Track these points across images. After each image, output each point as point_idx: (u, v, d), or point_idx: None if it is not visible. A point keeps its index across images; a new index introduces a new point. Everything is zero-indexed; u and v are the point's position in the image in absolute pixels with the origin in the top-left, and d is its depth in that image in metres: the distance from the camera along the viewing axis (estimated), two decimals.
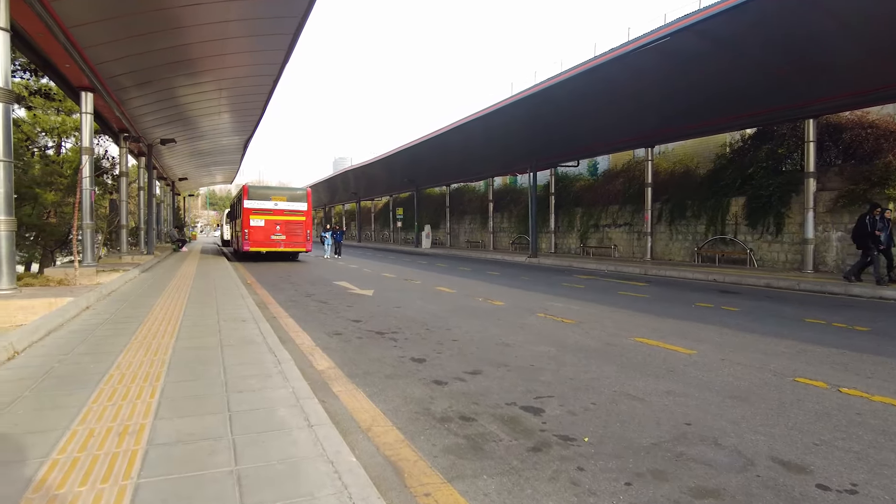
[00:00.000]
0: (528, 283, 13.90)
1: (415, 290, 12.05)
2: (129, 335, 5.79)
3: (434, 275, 16.32)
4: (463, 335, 6.93)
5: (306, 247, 22.19)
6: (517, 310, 9.22)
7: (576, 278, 15.64)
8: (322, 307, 9.38)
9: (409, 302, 10.10)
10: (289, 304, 9.78)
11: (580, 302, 10.29)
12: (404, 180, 38.31)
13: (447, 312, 8.86)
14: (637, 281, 15.02)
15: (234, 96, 18.67)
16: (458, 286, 13.00)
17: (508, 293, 11.65)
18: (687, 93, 16.95)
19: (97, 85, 13.34)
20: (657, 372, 5.28)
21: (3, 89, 8.01)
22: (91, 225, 13.28)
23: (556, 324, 7.86)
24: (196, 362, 4.69)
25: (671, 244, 21.83)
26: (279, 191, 22.43)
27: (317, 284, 13.18)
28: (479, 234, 35.88)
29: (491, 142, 26.91)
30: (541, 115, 22.01)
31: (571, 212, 27.31)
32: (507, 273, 17.39)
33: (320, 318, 8.21)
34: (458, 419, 3.88)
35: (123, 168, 18.74)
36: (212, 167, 37.05)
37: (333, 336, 6.84)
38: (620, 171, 25.18)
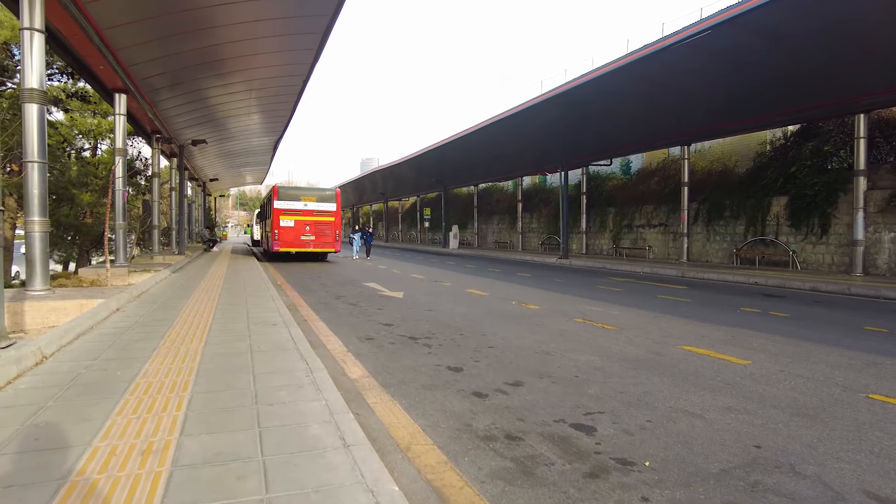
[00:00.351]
0: (562, 286, 13.50)
1: (445, 293, 11.77)
2: (158, 339, 5.64)
3: (464, 276, 16.03)
4: (500, 342, 6.61)
5: (335, 247, 22.12)
6: (554, 314, 8.86)
7: (611, 281, 15.16)
8: (352, 310, 9.17)
9: (441, 305, 9.83)
10: (319, 306, 9.61)
11: (619, 306, 9.86)
12: (432, 180, 38.08)
13: (481, 316, 8.55)
14: (675, 284, 14.47)
15: (264, 97, 18.69)
16: (490, 288, 12.68)
17: (543, 296, 11.28)
18: (727, 89, 16.28)
19: (130, 86, 13.43)
20: (712, 385, 4.89)
21: (38, 91, 8.01)
22: (123, 225, 13.37)
23: (597, 330, 7.48)
24: (225, 370, 4.49)
25: (708, 245, 21.10)
26: (309, 191, 22.39)
27: (346, 286, 13.01)
28: (508, 235, 35.44)
29: (520, 141, 26.45)
30: (572, 113, 21.51)
31: (604, 212, 26.70)
32: (539, 275, 16.98)
33: (351, 322, 7.99)
34: (503, 438, 3.58)
35: (155, 169, 18.94)
36: (242, 168, 37.44)
37: (365, 341, 6.60)
38: (655, 170, 24.51)
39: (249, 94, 18.18)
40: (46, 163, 8.10)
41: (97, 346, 5.31)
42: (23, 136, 7.96)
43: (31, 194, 7.91)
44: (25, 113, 7.96)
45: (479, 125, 27.17)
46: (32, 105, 7.97)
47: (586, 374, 5.17)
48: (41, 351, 4.70)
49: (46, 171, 8.10)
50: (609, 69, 17.49)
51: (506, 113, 24.56)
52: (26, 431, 3.09)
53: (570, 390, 4.66)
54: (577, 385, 4.82)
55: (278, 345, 5.48)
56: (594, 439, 3.59)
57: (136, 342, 5.51)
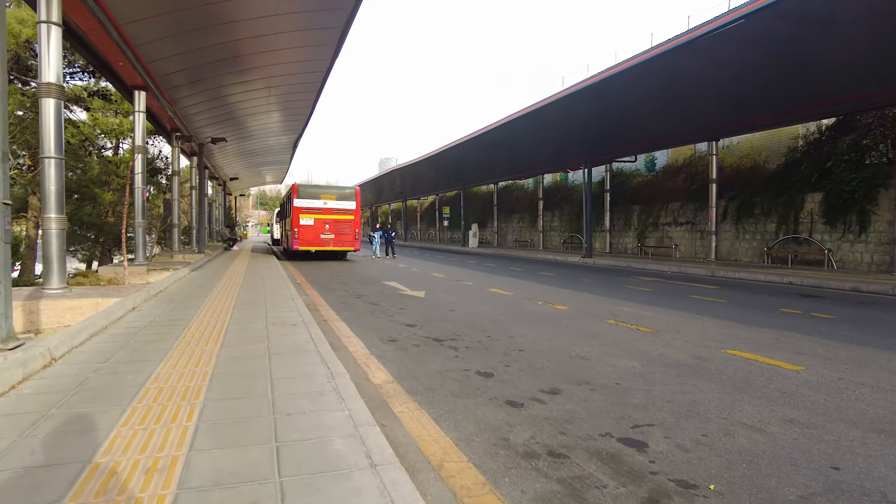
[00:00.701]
0: (589, 286, 13.05)
1: (468, 292, 11.42)
2: (173, 340, 5.39)
3: (485, 275, 15.66)
4: (530, 345, 6.24)
5: (355, 246, 21.89)
6: (583, 315, 8.45)
7: (639, 280, 14.66)
8: (373, 309, 8.87)
9: (464, 305, 9.48)
10: (339, 305, 9.33)
11: (651, 307, 9.41)
12: (451, 179, 37.72)
13: (507, 317, 8.18)
14: (705, 283, 13.92)
15: (284, 94, 18.52)
16: (513, 287, 12.30)
17: (569, 296, 10.87)
18: (760, 81, 15.63)
19: (150, 84, 13.32)
20: (767, 394, 4.46)
21: (55, 85, 7.85)
22: (143, 224, 13.28)
23: (632, 332, 7.07)
24: (241, 375, 4.20)
25: (737, 244, 20.41)
26: (328, 189, 22.17)
27: (366, 285, 12.74)
28: (528, 233, 34.93)
29: (542, 138, 25.97)
30: (595, 109, 20.99)
31: (628, 210, 26.09)
32: (563, 274, 16.53)
33: (373, 322, 7.68)
34: (546, 455, 3.22)
35: (176, 167, 18.89)
36: (262, 167, 37.50)
37: (388, 343, 6.28)
38: (682, 167, 23.84)
39: (269, 92, 18.03)
40: (63, 159, 7.94)
41: (109, 347, 5.07)
42: (40, 131, 7.81)
43: (48, 191, 7.75)
44: (42, 108, 7.80)
45: (500, 122, 26.76)
46: (49, 100, 7.81)
47: (628, 381, 4.78)
48: (50, 353, 4.47)
49: (63, 168, 7.94)
50: (634, 63, 16.96)
51: (527, 109, 24.12)
52: (22, 444, 2.81)
53: (613, 399, 4.28)
54: (619, 393, 4.43)
55: (298, 347, 5.18)
56: (647, 456, 3.22)
57: (149, 343, 5.26)
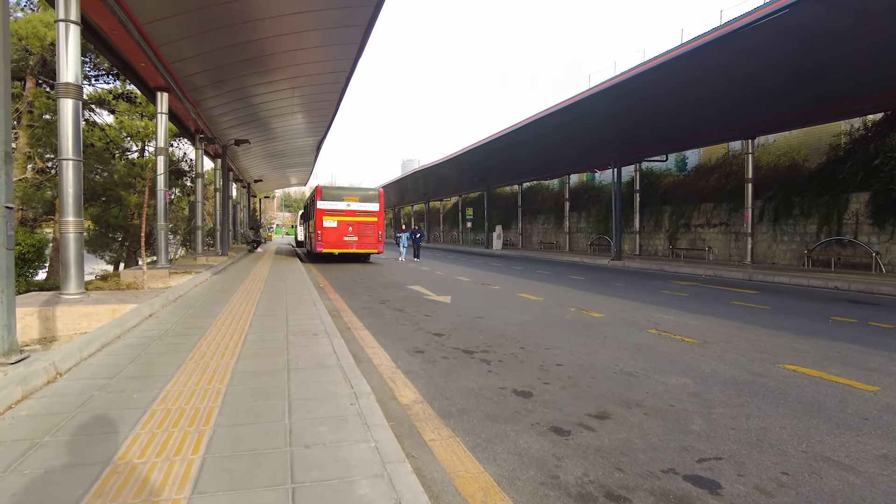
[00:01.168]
0: (622, 291, 12.48)
1: (496, 297, 10.97)
2: (187, 352, 5.06)
3: (512, 279, 15.18)
4: (569, 358, 5.77)
5: (378, 248, 21.59)
6: (622, 324, 7.94)
7: (674, 284, 14.01)
8: (398, 316, 8.48)
9: (493, 311, 9.03)
10: (363, 311, 8.96)
11: (692, 315, 8.83)
12: (475, 179, 37.25)
13: (540, 326, 7.71)
14: (744, 288, 13.23)
15: (307, 95, 18.33)
16: (543, 293, 11.80)
17: (604, 302, 10.33)
18: (801, 76, 14.85)
19: (172, 85, 13.19)
20: (845, 420, 3.93)
21: (73, 85, 7.66)
22: (165, 226, 13.15)
23: (677, 344, 6.54)
24: (256, 395, 3.83)
25: (775, 246, 19.55)
26: (352, 191, 21.88)
27: (390, 289, 12.37)
28: (554, 235, 34.28)
29: (568, 137, 25.36)
30: (624, 108, 20.33)
31: (658, 210, 25.31)
32: (593, 278, 15.96)
33: (398, 330, 7.29)
34: (603, 498, 2.76)
35: (199, 169, 18.83)
36: (286, 169, 37.58)
37: (415, 354, 5.87)
38: (715, 166, 23.01)
39: (293, 92, 17.84)
40: (81, 161, 7.74)
41: (119, 359, 4.77)
42: (58, 132, 7.62)
43: (66, 193, 7.55)
44: (61, 108, 7.62)
45: (526, 121, 26.19)
46: (68, 100, 7.62)
47: (683, 403, 4.28)
48: (55, 367, 4.16)
49: (81, 170, 7.74)
50: (666, 59, 16.28)
51: (554, 108, 23.54)
52: (6, 482, 2.47)
53: (670, 425, 3.79)
54: (676, 418, 3.94)
55: (319, 360, 4.81)
56: (722, 501, 2.74)
57: (162, 355, 4.94)
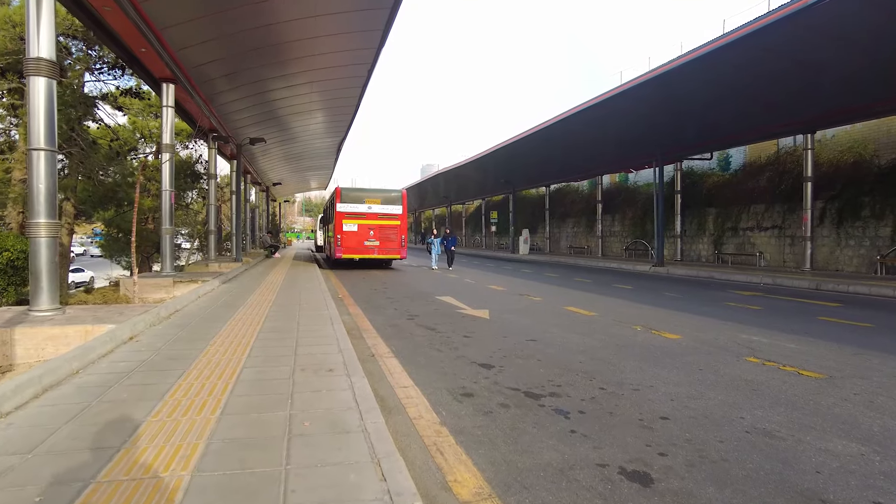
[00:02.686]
0: (681, 303, 10.91)
1: (540, 312, 9.48)
2: (154, 401, 3.70)
3: (551, 288, 13.68)
4: (670, 405, 4.27)
5: (401, 253, 20.21)
6: (707, 348, 6.40)
7: (735, 295, 12.37)
8: (432, 338, 7.06)
9: (544, 331, 7.56)
10: (389, 330, 7.57)
11: (786, 335, 7.24)
12: (500, 181, 35.69)
13: (608, 352, 6.22)
14: (820, 300, 11.54)
15: (327, 90, 17.12)
16: (594, 306, 10.28)
17: (669, 318, 8.79)
18: (873, 61, 13.10)
19: (179, 75, 12.02)
20: None
21: (46, 61, 6.42)
22: (170, 230, 11.96)
23: (797, 380, 5.00)
24: (234, 492, 2.44)
25: (839, 251, 17.70)
26: (373, 193, 20.51)
27: (417, 301, 10.96)
28: (585, 239, 32.59)
29: (602, 135, 23.80)
30: (666, 102, 18.72)
31: (702, 213, 23.53)
32: (640, 286, 14.36)
33: (434, 359, 5.86)
34: None
35: (212, 170, 17.70)
36: (306, 172, 36.53)
37: (462, 399, 4.43)
38: (766, 164, 21.19)
39: (311, 87, 16.64)
40: (56, 151, 6.51)
41: (61, 412, 3.43)
42: (28, 117, 6.40)
43: (37, 190, 6.29)
44: (31, 88, 6.37)
45: (553, 120, 24.64)
46: (39, 79, 6.37)
47: (880, 488, 2.78)
48: None
49: (56, 162, 6.50)
50: (709, 49, 14.65)
51: (586, 104, 21.95)
52: None
53: None
54: None
55: (334, 419, 3.40)
56: None
57: (119, 406, 3.59)
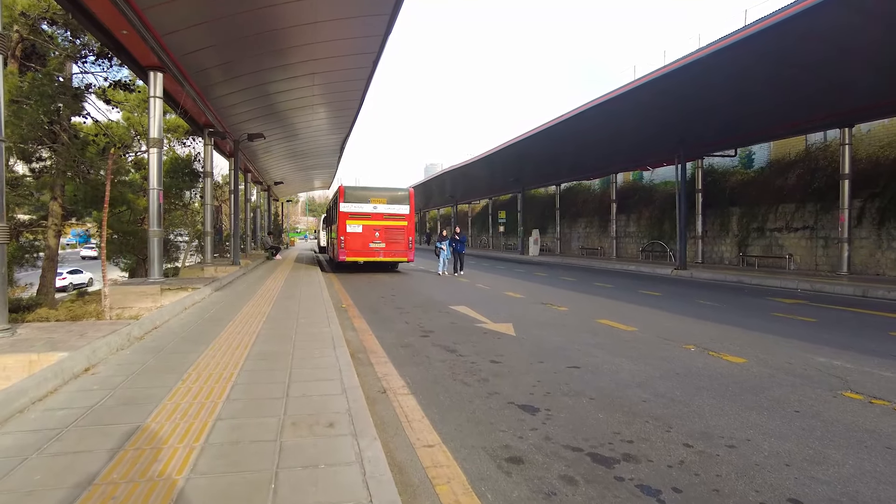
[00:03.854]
0: (723, 314, 9.77)
1: (571, 326, 8.36)
2: (80, 489, 2.63)
3: (573, 294, 12.57)
4: (792, 477, 3.16)
5: (408, 256, 19.10)
6: (787, 378, 5.28)
7: (777, 303, 11.23)
8: (454, 364, 5.95)
9: (584, 353, 6.45)
10: (401, 353, 6.47)
11: (872, 359, 6.10)
12: (509, 180, 34.51)
13: (672, 385, 5.11)
14: (873, 308, 10.39)
15: (329, 82, 16.06)
16: (628, 317, 9.16)
17: (724, 336, 7.65)
18: None
19: (168, 64, 10.98)
20: None
21: None
22: (158, 233, 10.91)
23: None
24: None
25: (880, 254, 16.51)
26: (378, 192, 19.36)
27: (430, 311, 9.87)
28: (598, 240, 31.43)
29: (617, 132, 22.64)
30: (688, 96, 17.54)
31: (724, 213, 22.34)
32: (669, 292, 13.23)
33: (462, 399, 4.75)
34: None
35: (208, 167, 16.65)
36: (309, 171, 35.47)
37: (510, 470, 3.30)
38: (795, 161, 20.00)
39: (313, 80, 15.57)
40: (5, 142, 5.46)
41: None
42: None
43: None
44: None
45: (566, 115, 23.38)
46: None
47: None
48: None
49: (3, 153, 5.45)
50: (747, 34, 13.43)
51: (600, 99, 20.74)
52: None
53: None
54: None
55: None
56: None
57: (24, 498, 2.52)
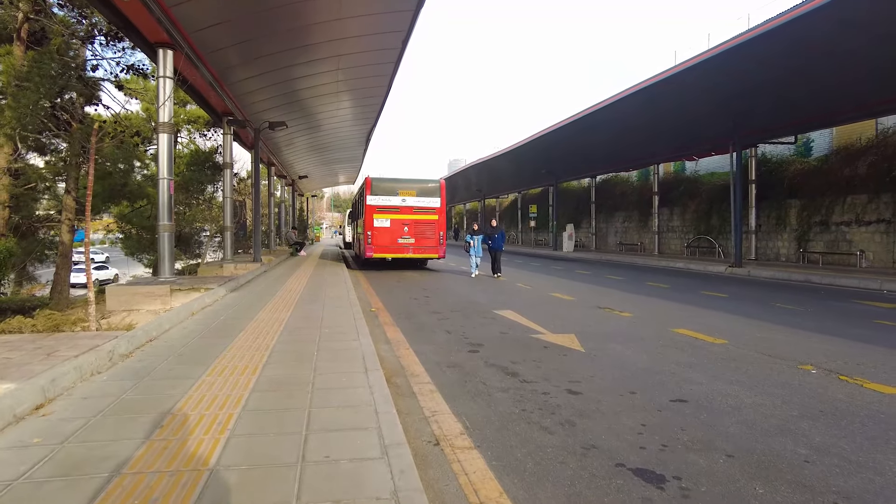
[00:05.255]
0: (817, 321, 8.27)
1: (647, 338, 6.95)
2: None
3: (630, 297, 11.15)
4: None
5: (439, 252, 17.85)
6: None
7: (870, 308, 9.64)
8: (520, 394, 4.62)
9: (681, 378, 5.09)
10: (449, 377, 5.17)
11: None
12: (541, 172, 32.84)
13: (827, 430, 3.71)
14: None
15: (355, 66, 14.92)
16: (708, 326, 7.72)
17: (841, 352, 6.17)
18: None
19: (178, 39, 9.88)
20: None
21: None
22: (168, 227, 9.85)
23: None
24: None
25: None
26: (408, 183, 18.10)
27: (472, 317, 8.58)
28: (637, 235, 29.73)
29: (658, 120, 21.01)
30: (747, 76, 15.84)
31: (781, 205, 20.50)
32: (737, 294, 11.70)
33: (545, 455, 3.43)
34: None
35: (227, 158, 15.62)
36: (333, 165, 34.49)
37: None
38: (866, 148, 18.12)
39: (338, 62, 14.43)
40: None
41: None
42: None
43: None
44: None
45: (603, 103, 21.73)
46: None
47: None
48: None
49: None
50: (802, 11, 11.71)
51: (646, 82, 19.09)
52: None
53: None
54: None
55: None
56: None
57: None
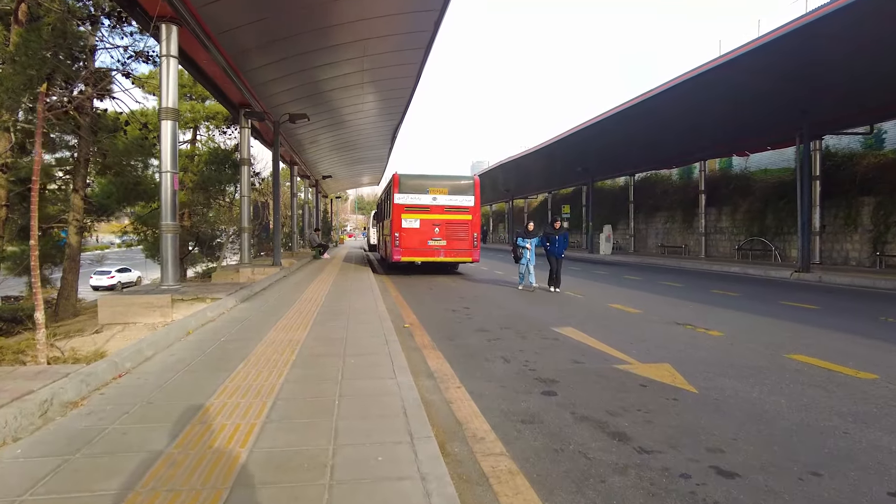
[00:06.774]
0: None
1: (768, 370, 5.36)
2: None
3: (702, 309, 9.55)
4: None
5: (472, 255, 16.36)
6: None
7: None
8: (641, 473, 3.11)
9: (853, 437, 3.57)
10: (528, 440, 3.68)
11: None
12: (576, 170, 31.06)
13: None
14: None
15: (381, 53, 13.75)
16: (826, 349, 6.10)
17: None
18: None
19: (182, 12, 8.66)
20: None
21: None
22: (172, 227, 8.63)
23: None
24: None
25: None
26: (438, 181, 16.60)
27: (529, 338, 7.07)
28: (681, 236, 27.87)
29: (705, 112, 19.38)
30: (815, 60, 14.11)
31: (851, 203, 18.55)
32: (827, 305, 10.00)
33: None
34: None
35: (244, 154, 14.43)
36: (357, 165, 33.34)
37: None
38: None
39: (364, 48, 13.21)
40: None
41: None
42: None
43: None
44: None
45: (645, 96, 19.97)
46: None
47: None
48: None
49: None
50: None
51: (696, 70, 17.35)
52: None
53: None
54: None
55: None
56: None
57: None
